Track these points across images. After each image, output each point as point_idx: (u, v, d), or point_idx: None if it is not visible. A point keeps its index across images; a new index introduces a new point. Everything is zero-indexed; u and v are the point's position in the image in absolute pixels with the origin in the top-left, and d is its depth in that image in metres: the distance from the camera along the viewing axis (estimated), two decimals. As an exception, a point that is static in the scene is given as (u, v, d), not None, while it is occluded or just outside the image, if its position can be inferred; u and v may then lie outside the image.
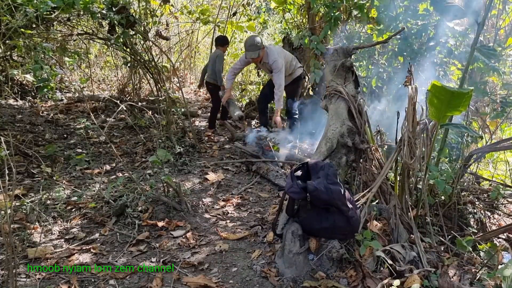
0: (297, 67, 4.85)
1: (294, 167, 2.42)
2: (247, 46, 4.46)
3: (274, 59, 4.44)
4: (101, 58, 8.32)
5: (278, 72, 4.45)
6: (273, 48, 4.59)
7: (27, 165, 3.62)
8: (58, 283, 2.09)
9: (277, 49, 4.64)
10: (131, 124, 4.95)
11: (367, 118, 2.90)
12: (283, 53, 4.67)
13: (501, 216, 3.22)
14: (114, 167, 3.93)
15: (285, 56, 4.64)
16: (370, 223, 2.40)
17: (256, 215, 3.05)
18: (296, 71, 4.83)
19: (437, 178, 2.41)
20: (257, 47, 4.40)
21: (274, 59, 4.44)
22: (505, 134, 4.28)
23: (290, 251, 2.19)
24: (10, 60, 5.32)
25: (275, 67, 4.46)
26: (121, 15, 4.03)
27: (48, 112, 5.51)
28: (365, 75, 4.97)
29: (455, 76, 4.38)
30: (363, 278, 2.09)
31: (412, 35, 4.12)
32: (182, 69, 8.96)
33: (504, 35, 4.45)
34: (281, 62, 4.46)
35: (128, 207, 2.85)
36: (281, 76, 4.47)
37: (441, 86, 2.24)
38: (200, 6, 6.72)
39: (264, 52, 4.50)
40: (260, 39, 4.47)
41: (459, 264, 2.21)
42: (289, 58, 4.72)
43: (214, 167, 4.09)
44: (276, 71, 4.46)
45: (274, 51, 4.51)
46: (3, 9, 3.35)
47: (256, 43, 4.41)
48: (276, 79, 4.49)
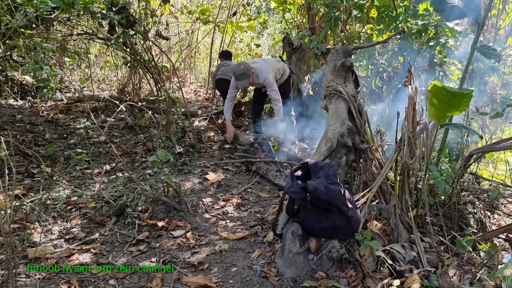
0: (285, 67, 4.82)
1: (294, 167, 2.42)
2: (237, 76, 4.32)
3: (264, 77, 4.38)
4: (101, 58, 8.32)
5: (272, 87, 4.43)
6: (259, 65, 4.48)
7: (27, 165, 3.62)
8: (58, 283, 2.09)
9: (262, 64, 4.52)
10: (131, 124, 4.95)
11: (367, 118, 2.90)
12: (268, 64, 4.58)
13: (501, 216, 3.22)
14: (114, 167, 3.93)
15: (272, 68, 4.56)
16: (370, 223, 2.39)
17: (256, 215, 3.05)
18: (285, 71, 4.82)
19: (437, 178, 2.41)
20: (246, 75, 4.29)
21: (264, 77, 4.38)
22: (505, 134, 4.27)
23: (290, 251, 2.19)
24: (10, 60, 5.32)
25: (267, 84, 4.42)
26: (121, 15, 4.03)
27: (48, 112, 5.51)
28: (365, 75, 4.96)
29: (455, 76, 4.38)
30: (363, 278, 2.09)
31: (412, 35, 4.12)
32: (182, 69, 8.97)
33: (504, 35, 4.45)
34: (271, 77, 4.43)
35: (128, 207, 2.85)
36: (275, 89, 4.44)
37: (441, 87, 2.24)
38: (200, 6, 6.73)
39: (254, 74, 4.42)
40: (247, 66, 4.34)
41: (459, 264, 2.21)
42: (274, 66, 4.65)
43: (214, 167, 4.09)
44: (269, 87, 4.43)
45: (261, 69, 4.42)
46: (3, 9, 3.35)
47: (246, 71, 4.29)
48: (271, 94, 4.46)
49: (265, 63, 4.58)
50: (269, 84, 4.41)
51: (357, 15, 4.87)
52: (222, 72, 5.62)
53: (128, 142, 4.74)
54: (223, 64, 5.84)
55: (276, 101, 4.46)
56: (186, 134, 4.84)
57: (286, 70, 4.85)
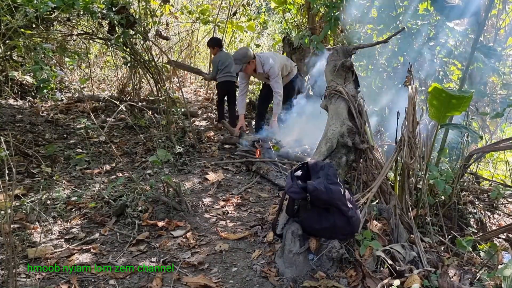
0: (292, 66, 4.81)
1: (294, 167, 2.42)
2: (234, 58, 4.39)
3: (270, 65, 4.38)
4: (101, 58, 8.32)
5: (276, 78, 4.41)
6: (266, 54, 4.52)
7: (27, 165, 3.62)
8: (58, 283, 2.09)
9: (270, 54, 4.57)
10: (131, 124, 4.95)
11: (367, 118, 2.90)
12: (277, 57, 4.61)
13: (501, 216, 3.22)
14: (114, 167, 3.93)
15: (280, 61, 4.58)
16: (370, 223, 2.39)
17: (256, 215, 3.05)
18: (292, 70, 4.81)
19: (437, 178, 2.41)
20: (241, 61, 4.31)
21: (270, 65, 4.38)
22: (505, 134, 4.27)
23: (290, 251, 2.19)
24: (10, 60, 5.33)
25: (272, 73, 4.41)
26: (121, 15, 4.03)
27: (48, 112, 5.51)
28: (365, 75, 4.96)
29: (455, 76, 4.38)
30: (363, 278, 2.09)
31: (412, 35, 4.12)
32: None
33: (504, 35, 4.44)
34: (277, 67, 4.42)
35: (128, 207, 2.85)
36: (279, 81, 4.43)
37: (441, 89, 2.24)
38: (200, 6, 6.73)
39: (256, 62, 4.43)
40: (246, 53, 4.36)
41: (459, 264, 2.21)
42: (283, 61, 4.66)
43: (214, 167, 4.09)
44: (273, 77, 4.42)
45: (267, 57, 4.44)
46: (3, 9, 3.35)
47: (243, 57, 4.32)
48: (274, 85, 4.45)
49: (274, 56, 4.61)
50: (273, 74, 4.41)
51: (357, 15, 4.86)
52: (226, 74, 5.55)
53: (128, 142, 4.74)
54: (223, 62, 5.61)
55: (277, 94, 4.46)
56: (186, 134, 4.84)
57: (293, 70, 4.82)
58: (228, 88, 5.62)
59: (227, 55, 5.68)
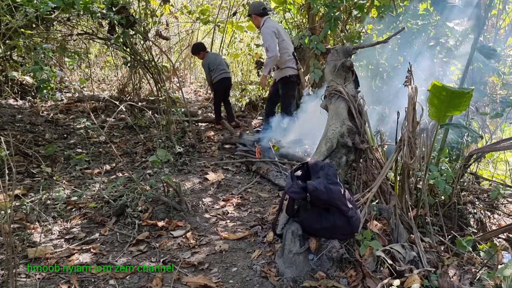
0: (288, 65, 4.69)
1: (294, 167, 2.42)
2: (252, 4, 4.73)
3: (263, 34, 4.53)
4: (101, 58, 8.33)
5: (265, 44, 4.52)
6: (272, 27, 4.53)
7: (27, 165, 3.62)
8: (58, 283, 2.09)
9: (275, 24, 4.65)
10: (131, 124, 4.95)
11: (367, 118, 2.90)
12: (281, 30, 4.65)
13: (501, 216, 3.22)
14: (114, 167, 3.93)
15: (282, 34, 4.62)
16: (370, 223, 2.39)
17: (256, 215, 3.05)
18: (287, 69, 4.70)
19: (437, 178, 2.41)
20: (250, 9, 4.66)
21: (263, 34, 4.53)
22: (505, 134, 4.27)
23: (290, 251, 2.19)
24: (10, 60, 5.33)
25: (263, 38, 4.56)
26: (121, 15, 4.03)
27: (48, 112, 5.51)
28: (365, 75, 4.96)
29: (455, 76, 4.38)
30: (363, 278, 2.09)
31: (412, 35, 4.12)
32: (182, 69, 8.97)
33: (504, 35, 4.44)
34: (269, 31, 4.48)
35: (128, 207, 2.85)
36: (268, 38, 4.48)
37: (441, 86, 2.24)
38: (200, 6, 6.73)
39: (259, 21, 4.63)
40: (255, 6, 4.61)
41: (459, 264, 2.21)
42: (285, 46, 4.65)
43: (214, 167, 4.09)
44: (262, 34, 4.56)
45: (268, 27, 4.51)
46: (3, 9, 3.35)
47: (252, 7, 4.65)
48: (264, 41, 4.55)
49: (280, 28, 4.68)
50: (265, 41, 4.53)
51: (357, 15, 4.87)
52: (221, 72, 5.53)
53: (128, 142, 4.74)
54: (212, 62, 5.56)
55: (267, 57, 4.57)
56: (186, 134, 4.84)
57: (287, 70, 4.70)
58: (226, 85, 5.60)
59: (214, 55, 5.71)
